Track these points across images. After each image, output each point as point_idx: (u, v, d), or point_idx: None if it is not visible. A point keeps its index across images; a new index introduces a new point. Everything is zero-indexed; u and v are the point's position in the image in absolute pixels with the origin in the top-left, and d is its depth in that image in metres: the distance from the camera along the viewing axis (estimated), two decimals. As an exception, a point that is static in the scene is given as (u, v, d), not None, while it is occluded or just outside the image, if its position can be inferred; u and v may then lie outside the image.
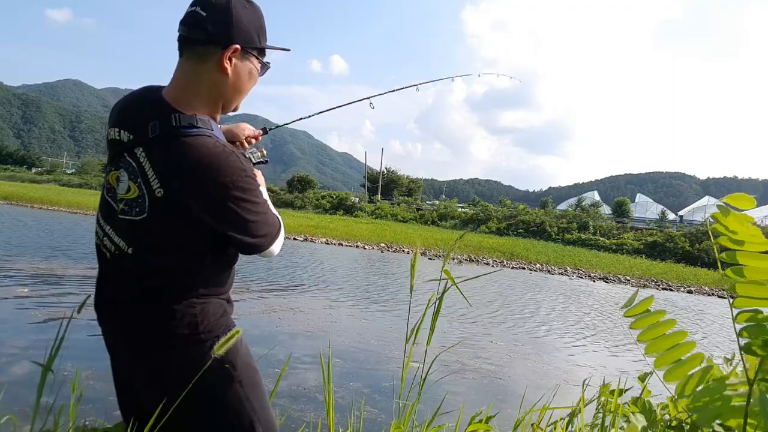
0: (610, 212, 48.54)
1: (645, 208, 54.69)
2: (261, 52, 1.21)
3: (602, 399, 1.51)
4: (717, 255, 0.83)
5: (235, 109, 1.28)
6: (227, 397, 1.17)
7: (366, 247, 21.76)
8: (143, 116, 1.12)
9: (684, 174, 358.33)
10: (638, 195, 71.77)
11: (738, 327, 0.82)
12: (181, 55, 1.15)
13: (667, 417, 1.23)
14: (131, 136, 1.13)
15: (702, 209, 47.78)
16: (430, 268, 15.02)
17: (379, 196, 52.73)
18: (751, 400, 0.75)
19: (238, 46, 1.12)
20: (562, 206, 54.61)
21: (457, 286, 1.30)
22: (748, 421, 0.75)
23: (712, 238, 0.85)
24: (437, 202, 51.77)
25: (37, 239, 12.97)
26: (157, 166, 1.09)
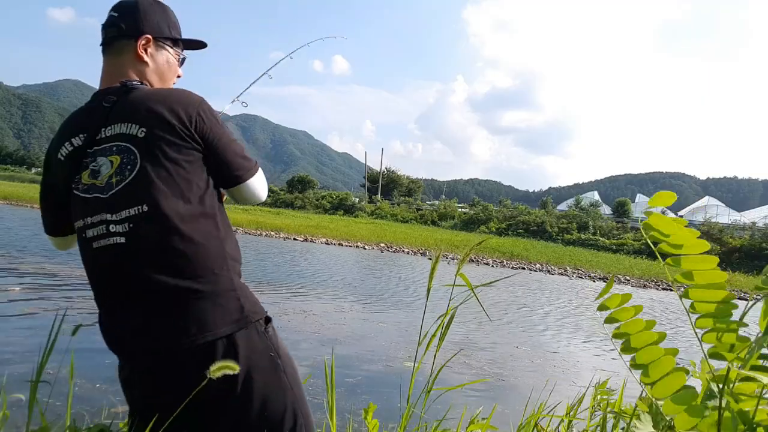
0: (610, 212, 48.51)
1: (645, 208, 54.44)
2: (176, 44, 1.30)
3: (597, 398, 1.51)
4: (661, 260, 0.83)
5: None
6: (273, 385, 1.14)
7: (366, 247, 21.75)
8: (92, 114, 1.17)
9: (684, 174, 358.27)
10: (638, 195, 71.73)
11: (700, 333, 0.80)
12: (104, 56, 1.24)
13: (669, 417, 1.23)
14: (85, 135, 1.15)
15: (702, 209, 47.70)
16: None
17: (379, 196, 52.72)
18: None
19: (149, 36, 1.23)
20: (562, 206, 54.57)
21: (475, 295, 1.29)
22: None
23: (652, 246, 0.84)
24: (437, 202, 51.74)
25: (35, 238, 12.97)
26: (126, 117, 1.12)
